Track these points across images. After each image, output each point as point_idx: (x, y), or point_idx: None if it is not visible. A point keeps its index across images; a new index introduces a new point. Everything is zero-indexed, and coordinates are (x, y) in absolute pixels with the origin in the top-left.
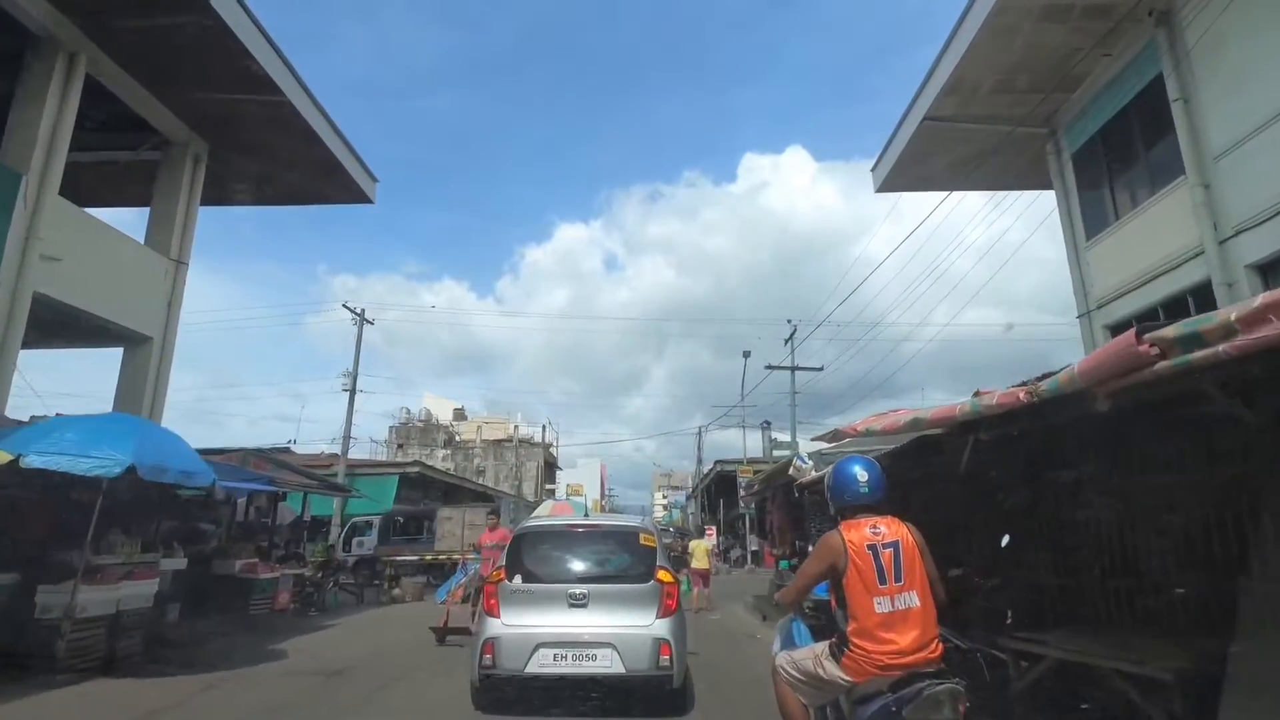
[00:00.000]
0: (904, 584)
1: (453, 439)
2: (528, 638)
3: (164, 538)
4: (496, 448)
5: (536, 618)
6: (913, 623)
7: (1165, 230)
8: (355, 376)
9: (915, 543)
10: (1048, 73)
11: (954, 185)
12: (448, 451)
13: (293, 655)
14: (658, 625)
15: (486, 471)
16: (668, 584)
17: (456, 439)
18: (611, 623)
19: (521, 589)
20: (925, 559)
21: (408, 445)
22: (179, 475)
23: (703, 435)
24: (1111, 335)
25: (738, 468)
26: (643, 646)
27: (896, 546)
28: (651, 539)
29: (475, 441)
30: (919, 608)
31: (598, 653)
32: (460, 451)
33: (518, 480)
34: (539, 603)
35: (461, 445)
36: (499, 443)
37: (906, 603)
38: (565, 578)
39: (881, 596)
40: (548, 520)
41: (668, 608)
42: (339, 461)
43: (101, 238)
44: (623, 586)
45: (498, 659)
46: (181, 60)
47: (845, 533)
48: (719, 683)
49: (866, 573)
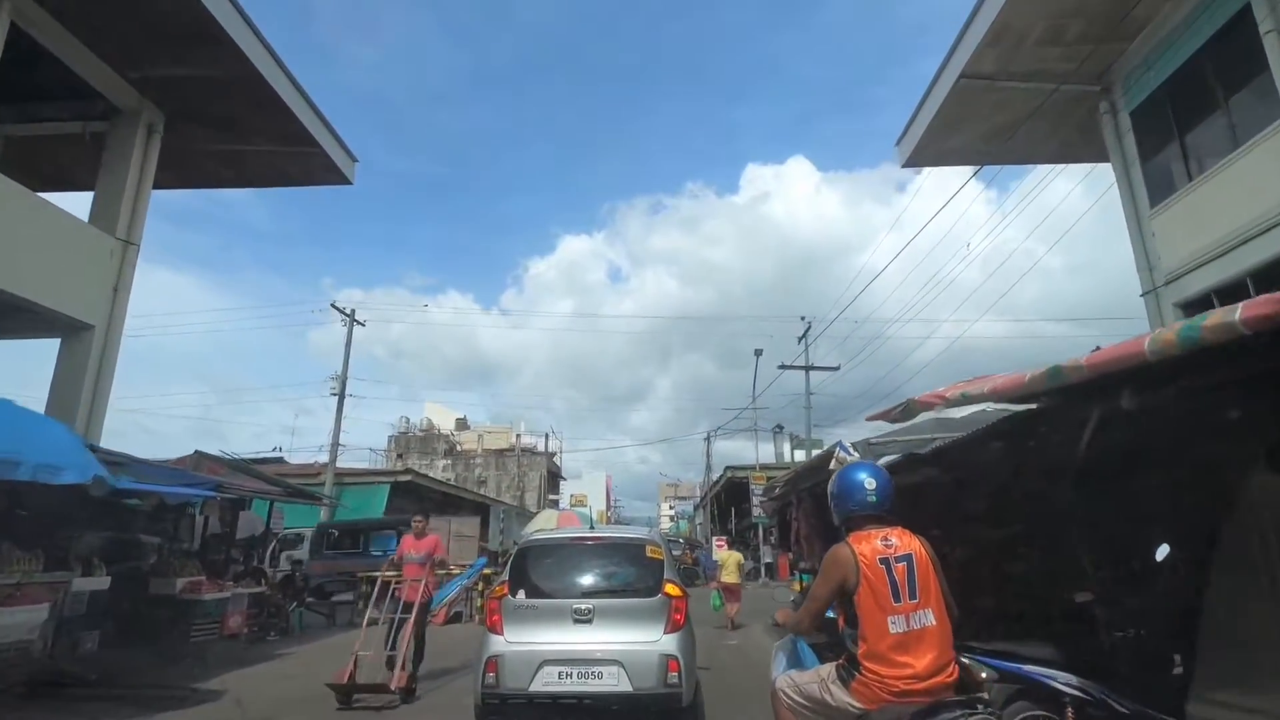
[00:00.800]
0: (919, 601)
1: (453, 448)
2: (532, 655)
3: (84, 553)
4: (498, 457)
5: (541, 634)
6: (929, 643)
7: (1255, 186)
8: (344, 381)
9: (929, 556)
10: (1104, 18)
11: (987, 158)
12: (448, 461)
13: (226, 692)
14: (665, 641)
15: (488, 482)
16: (676, 598)
17: (458, 448)
18: (618, 639)
19: (525, 604)
20: (939, 573)
21: (407, 455)
22: (37, 470)
23: (711, 441)
24: (1185, 314)
25: (750, 474)
26: (650, 663)
27: (910, 560)
28: (659, 551)
29: (476, 451)
30: (935, 627)
31: (604, 670)
32: (461, 461)
33: (520, 491)
34: (543, 619)
35: (462, 455)
36: (501, 452)
37: (922, 621)
38: (570, 592)
39: (896, 615)
40: (551, 533)
41: (676, 623)
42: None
43: (35, 211)
44: (629, 601)
45: (501, 677)
46: (126, 14)
47: (855, 545)
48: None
49: (879, 589)
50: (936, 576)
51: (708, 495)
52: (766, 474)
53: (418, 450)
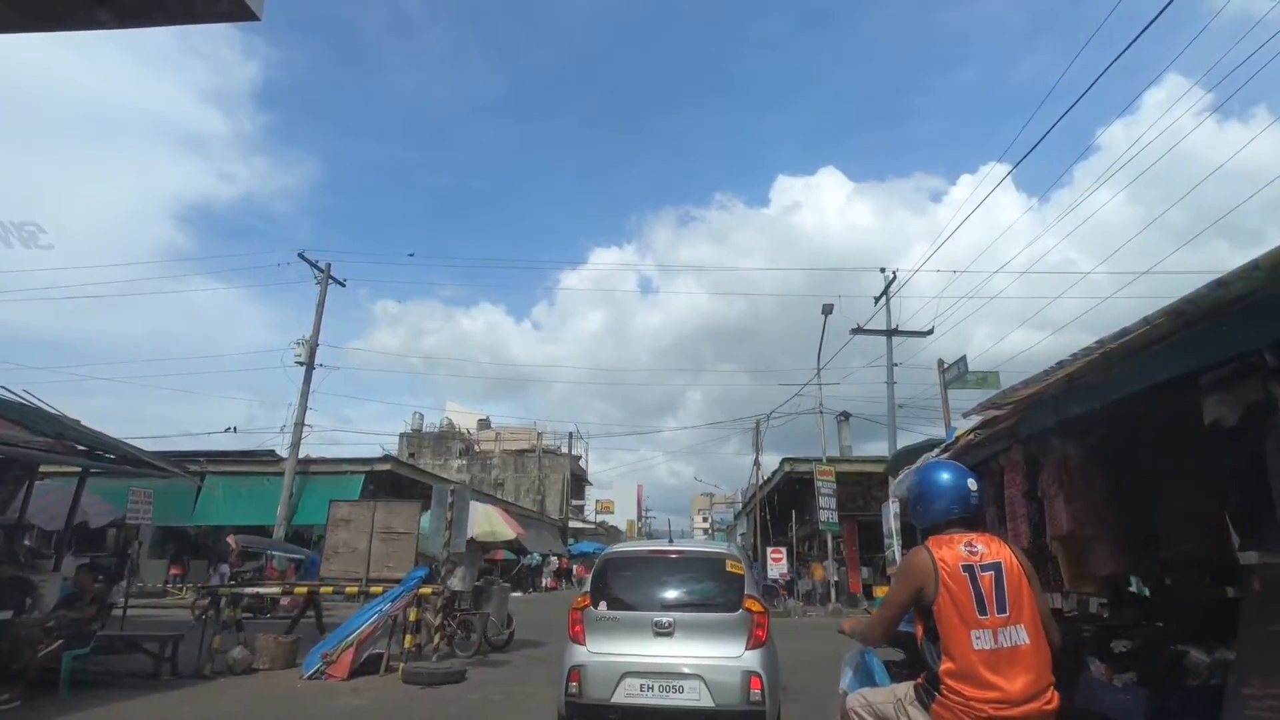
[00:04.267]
0: (1009, 616)
1: (470, 448)
2: (614, 666)
3: None
4: (518, 458)
5: (622, 646)
6: (1022, 664)
7: None
8: (314, 348)
9: (1021, 566)
10: None
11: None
12: (463, 462)
13: None
14: (748, 657)
15: (506, 484)
16: (757, 614)
17: (476, 448)
18: (699, 653)
19: (606, 616)
20: (1035, 588)
21: (420, 454)
22: None
23: (762, 430)
24: None
25: (815, 467)
26: (732, 679)
27: (999, 569)
28: (739, 566)
29: (494, 451)
30: (1030, 645)
31: (685, 684)
32: (478, 462)
33: (541, 495)
34: (624, 630)
35: (479, 456)
36: (521, 453)
37: (1013, 639)
38: (651, 605)
39: (981, 630)
40: (633, 546)
41: (758, 638)
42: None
43: None
44: (710, 615)
45: (584, 687)
46: None
47: (934, 550)
48: None
49: (962, 600)
50: (1031, 590)
51: (756, 497)
52: (835, 467)
53: (431, 449)
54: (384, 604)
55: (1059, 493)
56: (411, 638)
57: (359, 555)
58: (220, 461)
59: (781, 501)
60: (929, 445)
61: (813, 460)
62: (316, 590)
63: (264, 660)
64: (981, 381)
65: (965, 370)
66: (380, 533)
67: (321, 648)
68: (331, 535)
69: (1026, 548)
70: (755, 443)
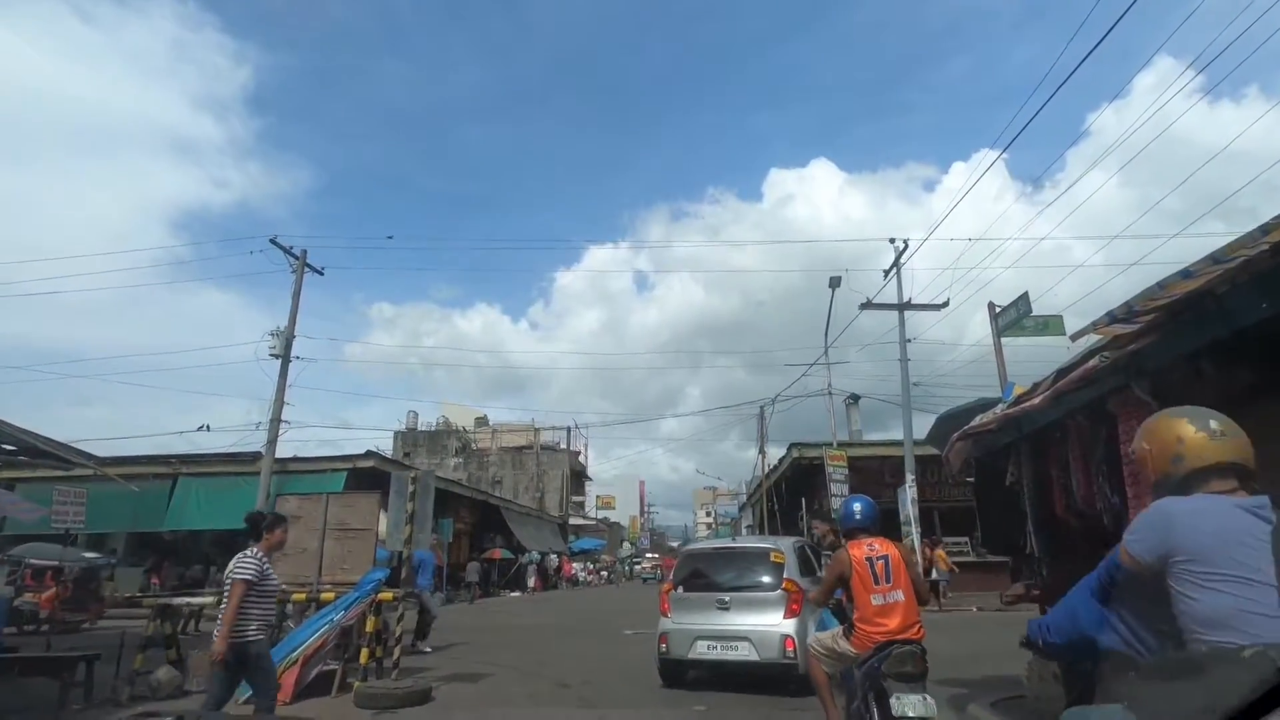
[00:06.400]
0: (891, 585)
1: (467, 446)
2: (689, 632)
3: None
4: (516, 455)
5: (695, 617)
6: (899, 612)
7: None
8: (289, 339)
9: (901, 556)
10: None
11: None
12: (459, 460)
13: None
14: (785, 624)
15: (504, 481)
16: (793, 592)
17: (473, 446)
18: (748, 622)
19: (684, 596)
20: (910, 568)
21: (415, 453)
22: None
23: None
24: None
25: (826, 451)
26: (772, 640)
27: (887, 559)
28: (781, 556)
29: (491, 449)
30: (904, 602)
31: (739, 645)
32: (474, 460)
33: (539, 492)
34: (696, 606)
35: (476, 453)
36: (519, 450)
37: (894, 598)
38: (714, 587)
39: (875, 593)
40: (703, 544)
41: (793, 610)
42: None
43: None
44: (757, 594)
45: (670, 647)
46: None
47: (850, 550)
48: None
49: (865, 577)
50: (906, 570)
51: (763, 487)
52: (846, 451)
53: (426, 447)
54: (335, 613)
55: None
56: (367, 652)
57: (309, 556)
58: (194, 463)
59: (790, 490)
60: (982, 405)
61: (822, 445)
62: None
63: (197, 682)
64: (1043, 328)
65: (1028, 310)
66: (334, 530)
67: (283, 647)
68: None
69: None
70: (760, 430)
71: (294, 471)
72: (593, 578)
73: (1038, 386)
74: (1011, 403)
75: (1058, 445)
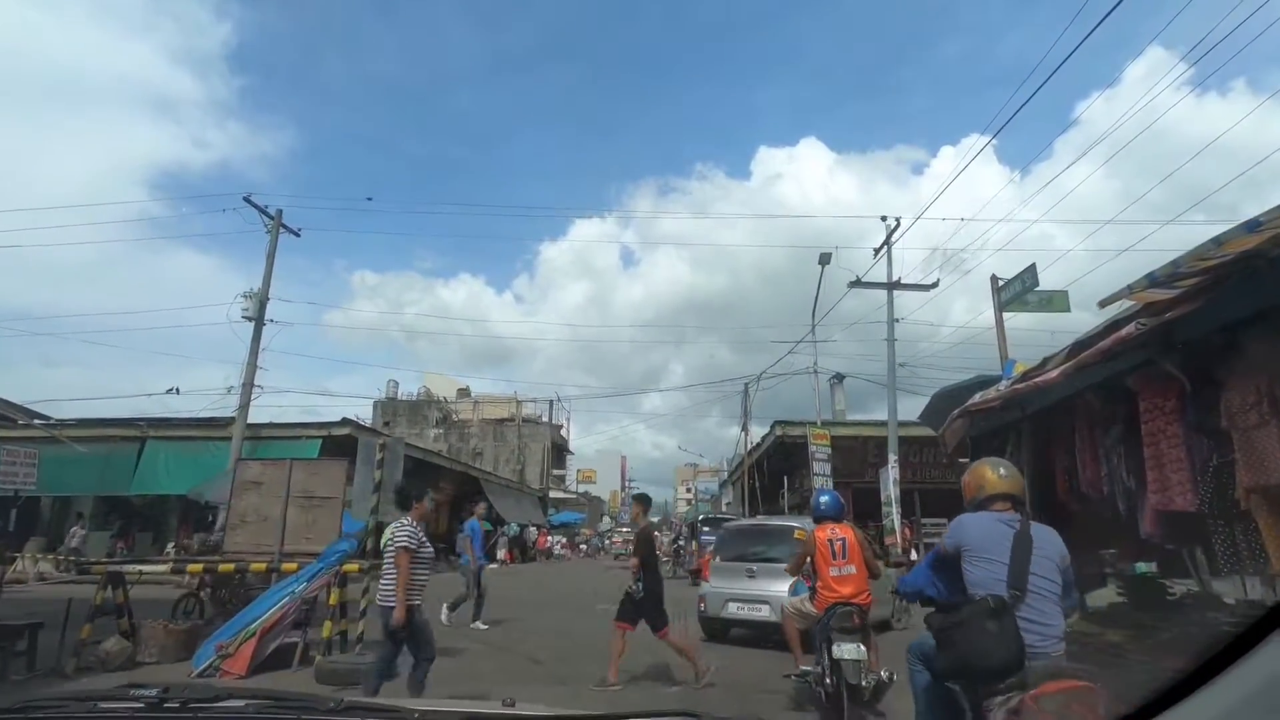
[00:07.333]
0: (846, 560)
1: (448, 417)
2: (722, 595)
3: None
4: (497, 427)
5: (728, 582)
6: (851, 582)
7: None
8: (263, 301)
9: (857, 538)
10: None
11: None
12: (439, 431)
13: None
14: None
15: (485, 453)
16: None
17: (454, 417)
18: (770, 588)
19: (721, 565)
20: (864, 548)
21: (395, 423)
22: None
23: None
24: None
25: (809, 430)
26: None
27: (844, 541)
28: (803, 534)
29: (472, 420)
30: (855, 574)
31: (761, 607)
32: (455, 431)
33: (521, 465)
34: (729, 573)
35: (457, 424)
36: (500, 422)
37: (848, 571)
38: (745, 558)
39: (833, 566)
40: (742, 522)
41: None
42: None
43: None
44: (778, 565)
45: (707, 607)
46: None
47: (816, 533)
48: None
49: (826, 555)
50: (860, 548)
51: (745, 464)
52: (829, 430)
53: (407, 417)
54: (297, 584)
55: (1265, 420)
56: (331, 625)
57: (270, 525)
58: (163, 427)
59: (772, 468)
60: (981, 382)
61: (806, 424)
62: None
63: (150, 653)
64: (1047, 303)
65: (1034, 283)
66: (298, 497)
67: (217, 638)
68: (238, 500)
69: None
70: (744, 406)
71: (267, 438)
72: (567, 552)
73: (1049, 361)
74: (1019, 378)
75: (1064, 425)
